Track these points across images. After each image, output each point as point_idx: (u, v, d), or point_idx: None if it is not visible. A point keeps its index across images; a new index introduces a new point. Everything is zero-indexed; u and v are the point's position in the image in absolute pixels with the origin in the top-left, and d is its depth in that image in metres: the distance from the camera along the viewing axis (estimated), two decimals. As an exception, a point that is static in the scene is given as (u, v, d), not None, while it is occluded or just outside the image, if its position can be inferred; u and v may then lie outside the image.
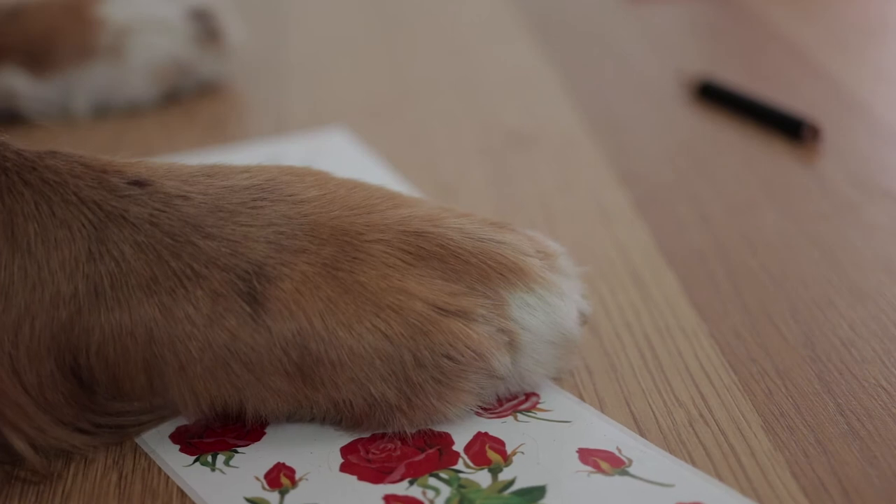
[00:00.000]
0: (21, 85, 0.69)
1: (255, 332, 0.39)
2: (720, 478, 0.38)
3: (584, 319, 0.43)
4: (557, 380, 0.44)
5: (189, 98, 0.73)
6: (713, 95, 0.69)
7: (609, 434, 0.41)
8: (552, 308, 0.41)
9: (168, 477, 0.39)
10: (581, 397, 0.43)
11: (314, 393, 0.40)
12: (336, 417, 0.41)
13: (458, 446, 0.40)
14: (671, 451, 0.39)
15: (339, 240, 0.41)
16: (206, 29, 0.73)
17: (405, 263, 0.40)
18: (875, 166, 0.61)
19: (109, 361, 0.40)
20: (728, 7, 0.88)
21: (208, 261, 0.40)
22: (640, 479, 0.38)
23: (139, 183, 0.41)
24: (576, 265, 0.44)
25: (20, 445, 0.39)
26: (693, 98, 0.70)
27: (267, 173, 0.43)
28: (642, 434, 0.40)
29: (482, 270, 0.41)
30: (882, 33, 0.84)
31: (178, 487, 0.39)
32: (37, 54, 0.69)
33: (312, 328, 0.39)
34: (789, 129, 0.64)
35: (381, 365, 0.39)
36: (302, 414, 0.41)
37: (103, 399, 0.41)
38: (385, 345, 0.39)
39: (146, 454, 0.41)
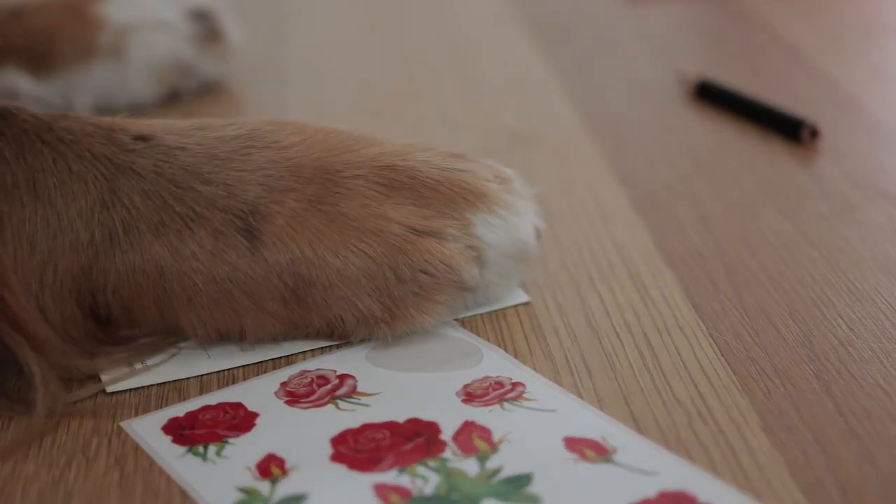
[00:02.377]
0: (22, 85, 0.69)
1: (254, 263, 0.44)
2: (719, 477, 0.38)
3: (539, 234, 0.48)
4: (554, 378, 0.44)
5: (190, 98, 0.73)
6: (712, 96, 0.70)
7: (594, 423, 0.41)
8: (511, 226, 0.46)
9: (169, 476, 0.40)
10: (580, 396, 0.43)
11: (308, 313, 0.45)
12: (328, 333, 0.46)
13: (446, 435, 0.41)
14: (670, 450, 0.40)
15: (322, 178, 0.45)
16: (207, 29, 0.73)
17: (381, 194, 0.45)
18: (873, 167, 0.61)
19: (124, 298, 0.45)
20: (727, 8, 0.88)
21: (208, 203, 0.45)
22: (625, 466, 0.39)
23: (142, 138, 0.46)
24: (528, 187, 0.48)
25: (41, 372, 0.42)
26: (692, 99, 0.71)
27: (251, 124, 0.48)
28: (641, 433, 0.41)
29: (449, 196, 0.46)
30: (880, 34, 0.84)
31: (180, 487, 0.39)
32: (38, 54, 0.70)
33: (304, 256, 0.44)
34: (788, 129, 0.64)
35: (367, 282, 0.44)
36: (296, 335, 0.46)
37: (117, 329, 0.46)
38: (369, 264, 0.44)
39: (147, 454, 0.41)
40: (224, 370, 0.46)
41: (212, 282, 0.44)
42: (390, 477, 0.39)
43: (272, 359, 0.46)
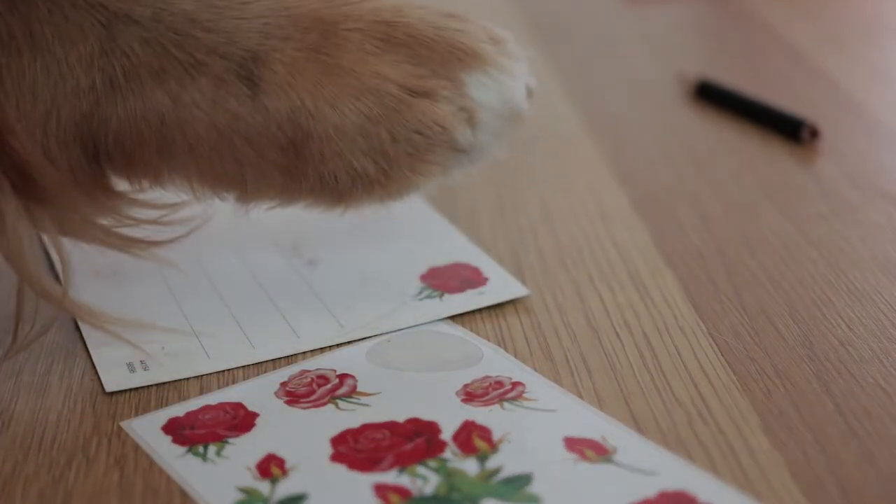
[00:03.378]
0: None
1: (255, 111, 0.44)
2: (719, 477, 0.38)
3: (531, 93, 0.48)
4: (554, 378, 0.44)
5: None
6: (712, 96, 0.70)
7: (594, 423, 0.41)
8: (504, 87, 0.46)
9: (169, 476, 0.40)
10: (580, 396, 0.43)
11: (304, 166, 0.45)
12: (321, 193, 0.46)
13: (446, 435, 0.41)
14: (670, 450, 0.40)
15: (321, 28, 0.45)
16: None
17: (379, 49, 0.45)
18: (873, 167, 0.61)
19: (126, 147, 0.44)
20: (727, 8, 0.88)
21: (209, 50, 0.44)
22: (625, 466, 0.39)
23: None
24: (522, 48, 0.48)
25: (54, 225, 0.44)
26: (692, 99, 0.71)
27: None
28: (641, 433, 0.41)
29: (444, 56, 0.46)
30: (880, 34, 0.84)
31: (180, 487, 0.39)
32: None
33: (303, 105, 0.44)
34: (788, 129, 0.64)
35: (362, 141, 0.45)
36: (293, 192, 0.46)
37: (125, 206, 0.46)
38: (365, 123, 0.44)
39: (147, 454, 0.41)
40: (224, 370, 0.46)
41: (213, 129, 0.44)
42: (390, 477, 0.39)
43: (272, 359, 0.46)
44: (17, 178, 0.43)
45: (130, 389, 0.44)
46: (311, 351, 0.46)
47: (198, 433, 0.42)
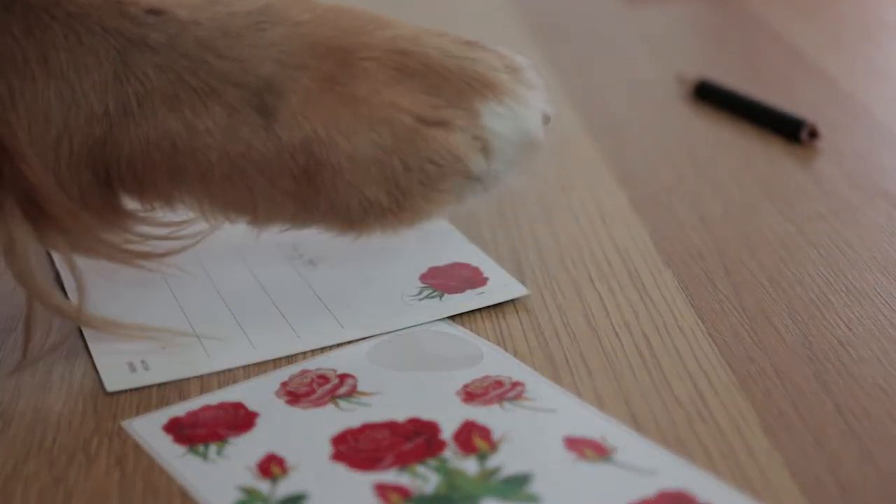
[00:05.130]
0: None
1: (268, 140, 0.44)
2: (718, 477, 0.38)
3: (547, 120, 0.48)
4: (554, 378, 0.44)
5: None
6: (711, 96, 0.70)
7: (594, 422, 0.41)
8: (519, 116, 0.46)
9: (170, 476, 0.40)
10: (580, 396, 0.43)
11: (316, 195, 0.45)
12: (333, 220, 0.46)
13: (446, 435, 0.41)
14: (670, 450, 0.40)
15: (336, 57, 0.45)
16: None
17: (393, 79, 0.45)
18: (873, 167, 0.61)
19: (138, 173, 0.45)
20: (726, 8, 0.88)
21: (223, 78, 0.44)
22: (625, 466, 0.39)
23: (154, 11, 0.45)
24: (539, 77, 0.48)
25: (65, 244, 0.45)
26: (692, 99, 0.71)
27: (262, 0, 0.47)
28: (641, 433, 0.41)
29: (459, 86, 0.46)
30: (879, 34, 0.84)
31: (180, 486, 0.39)
32: None
33: (317, 135, 0.44)
34: (787, 129, 0.64)
35: (375, 171, 0.45)
36: (305, 219, 0.46)
37: (134, 224, 0.46)
38: (378, 153, 0.44)
39: (148, 454, 0.41)
40: (224, 370, 0.46)
41: (225, 157, 0.44)
42: (390, 476, 0.39)
43: (272, 359, 0.46)
44: (28, 202, 0.44)
45: (131, 389, 0.45)
46: (312, 351, 0.46)
47: (198, 433, 0.42)
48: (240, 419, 0.42)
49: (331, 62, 0.45)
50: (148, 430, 0.42)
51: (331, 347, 0.47)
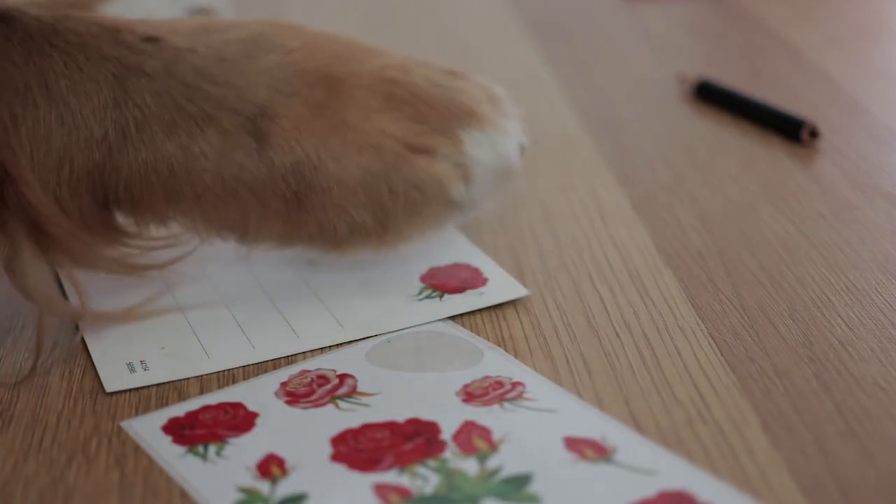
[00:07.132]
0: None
1: (260, 163, 0.46)
2: (718, 477, 0.38)
3: (523, 150, 0.50)
4: (554, 378, 0.44)
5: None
6: (712, 96, 0.70)
7: (594, 423, 0.41)
8: (498, 145, 0.49)
9: (169, 476, 0.40)
10: (580, 396, 0.43)
11: (305, 216, 0.47)
12: (320, 240, 0.47)
13: (446, 435, 0.41)
14: (670, 450, 0.40)
15: (326, 84, 0.47)
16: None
17: (382, 107, 0.47)
18: (873, 167, 0.61)
19: (135, 196, 0.46)
20: (726, 8, 0.88)
21: (218, 104, 0.46)
22: (625, 466, 0.39)
23: (151, 39, 0.47)
24: (516, 107, 0.51)
25: (68, 262, 0.46)
26: (692, 99, 0.71)
27: (255, 27, 0.49)
28: (641, 433, 0.41)
29: (444, 114, 0.48)
30: (880, 34, 0.84)
31: (180, 486, 0.39)
32: None
33: (308, 159, 0.46)
34: (788, 129, 0.64)
35: (362, 194, 0.47)
36: (294, 238, 0.47)
37: (132, 240, 0.47)
38: (366, 177, 0.46)
39: (147, 454, 0.41)
40: (224, 370, 0.46)
41: (219, 180, 0.46)
42: (390, 477, 0.39)
43: (272, 359, 0.46)
44: (31, 224, 0.45)
45: (130, 389, 0.45)
46: (311, 351, 0.47)
47: (198, 433, 0.42)
48: (239, 419, 0.42)
49: (322, 89, 0.47)
50: (147, 430, 0.42)
51: (330, 347, 0.47)
